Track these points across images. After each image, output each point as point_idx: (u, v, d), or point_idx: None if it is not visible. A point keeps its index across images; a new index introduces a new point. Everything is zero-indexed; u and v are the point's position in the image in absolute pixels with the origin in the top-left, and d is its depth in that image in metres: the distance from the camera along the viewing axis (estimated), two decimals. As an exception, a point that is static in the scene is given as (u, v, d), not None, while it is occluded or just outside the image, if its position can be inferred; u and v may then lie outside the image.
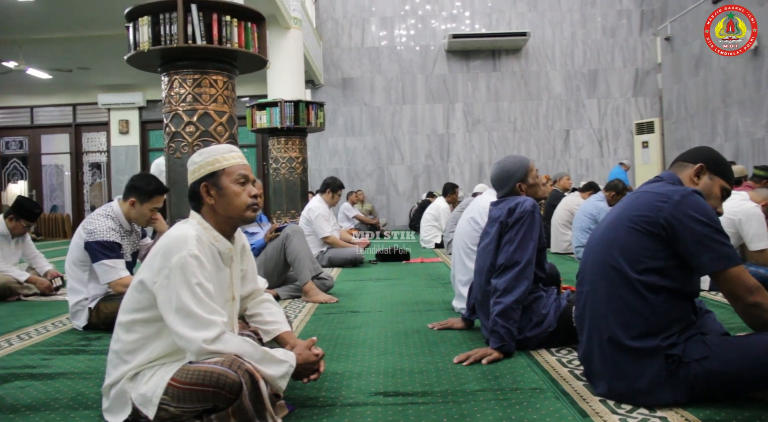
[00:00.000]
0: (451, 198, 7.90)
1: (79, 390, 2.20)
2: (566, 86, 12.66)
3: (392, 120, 12.57)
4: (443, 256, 6.57)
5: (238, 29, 4.24)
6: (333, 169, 12.28)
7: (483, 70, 12.62)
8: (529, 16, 12.64)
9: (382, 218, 11.54)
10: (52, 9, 8.31)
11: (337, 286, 4.42)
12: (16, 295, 4.51)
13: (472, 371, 2.31)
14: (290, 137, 7.35)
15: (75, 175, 13.73)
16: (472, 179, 12.42)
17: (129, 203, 3.23)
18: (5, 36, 9.38)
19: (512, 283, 2.49)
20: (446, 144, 12.60)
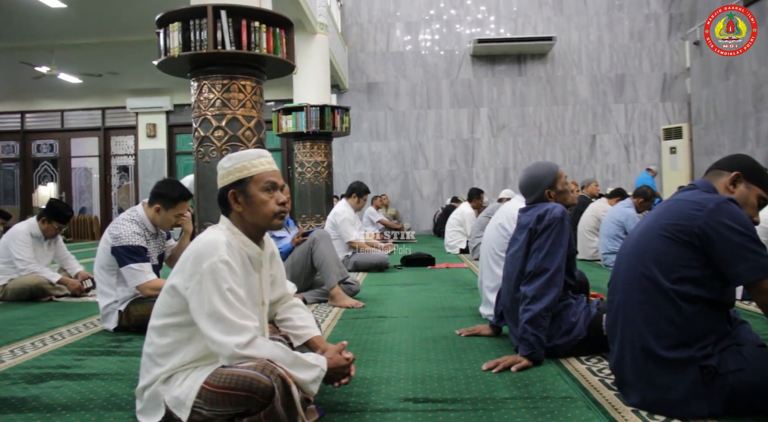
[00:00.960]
0: (476, 203, 7.87)
1: (113, 391, 2.24)
2: (593, 91, 12.55)
3: (417, 124, 12.58)
4: (468, 262, 6.55)
5: (267, 35, 4.28)
6: (357, 174, 12.30)
7: (508, 75, 12.57)
8: (555, 21, 12.56)
9: (406, 223, 11.53)
10: (83, 15, 8.47)
11: (363, 291, 4.43)
12: (49, 296, 4.59)
13: (501, 378, 2.29)
14: (316, 141, 7.39)
15: (103, 177, 13.96)
16: (497, 184, 12.37)
17: (154, 209, 3.27)
18: (39, 42, 9.59)
19: (541, 290, 2.47)
20: (471, 149, 12.56)
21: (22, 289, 4.53)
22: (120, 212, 13.25)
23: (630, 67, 12.51)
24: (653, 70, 12.50)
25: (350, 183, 6.00)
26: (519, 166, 12.47)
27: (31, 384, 2.36)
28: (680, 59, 12.44)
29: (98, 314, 3.76)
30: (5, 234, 4.80)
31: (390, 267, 5.95)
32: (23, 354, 2.85)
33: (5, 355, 2.84)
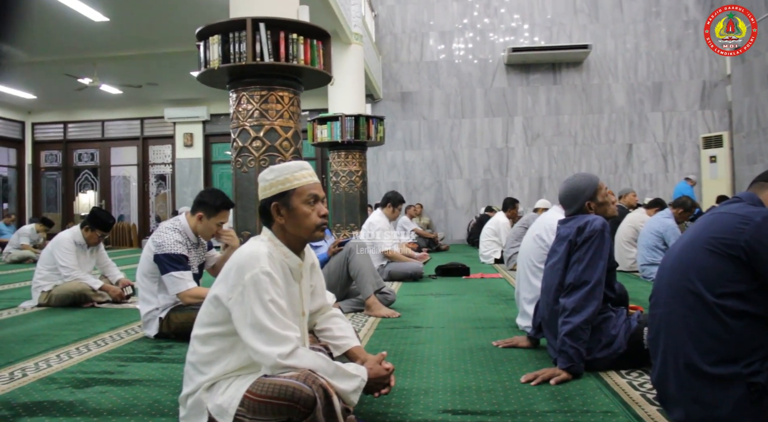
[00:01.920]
0: (511, 213, 7.82)
1: (156, 398, 2.28)
2: (629, 99, 12.38)
3: (451, 133, 12.56)
4: (504, 272, 6.50)
5: (305, 47, 4.34)
6: (391, 183, 12.33)
7: (543, 84, 12.48)
8: (590, 29, 12.44)
9: (439, 232, 11.50)
10: (125, 29, 8.69)
11: (398, 301, 4.44)
12: (91, 302, 4.70)
13: (540, 391, 2.28)
14: (350, 151, 7.44)
15: (141, 185, 14.24)
16: (532, 194, 12.26)
17: (197, 217, 3.33)
18: (82, 54, 9.86)
19: (581, 303, 2.45)
20: (505, 158, 12.49)
21: (65, 295, 4.65)
22: (158, 220, 13.53)
23: (668, 74, 12.31)
24: (692, 77, 12.28)
25: (384, 192, 6.02)
26: (554, 175, 12.35)
27: (78, 388, 2.42)
28: (720, 66, 12.20)
29: (139, 321, 3.84)
30: (50, 242, 4.93)
31: (424, 276, 5.94)
32: (69, 359, 2.93)
33: (52, 360, 2.92)
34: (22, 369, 2.73)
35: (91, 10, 7.86)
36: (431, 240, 10.00)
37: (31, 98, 13.06)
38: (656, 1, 12.37)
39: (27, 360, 2.91)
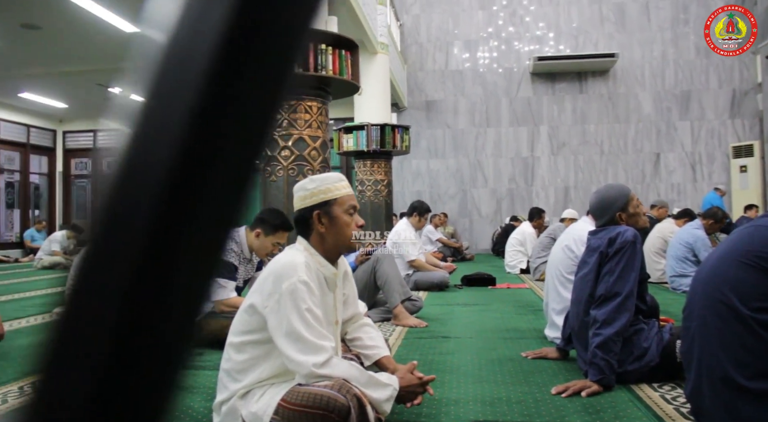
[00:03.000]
0: (537, 223, 7.78)
1: (189, 404, 2.31)
2: (656, 108, 12.26)
3: (476, 143, 12.54)
4: (530, 282, 6.46)
5: (333, 57, 4.39)
6: (416, 192, 12.34)
7: (569, 93, 12.42)
8: (617, 37, 12.36)
9: (464, 241, 11.47)
10: (155, 39, 8.84)
11: (425, 310, 4.44)
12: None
13: (571, 403, 2.26)
14: (376, 160, 7.47)
15: (169, 193, 14.44)
16: (557, 203, 12.19)
17: (255, 234, 3.38)
18: (113, 64, 10.05)
19: (612, 315, 2.43)
20: (531, 167, 12.43)
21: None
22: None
23: (696, 83, 12.18)
24: (721, 86, 12.12)
25: (409, 201, 6.03)
26: (580, 184, 12.26)
27: (113, 394, 2.46)
28: (750, 74, 12.03)
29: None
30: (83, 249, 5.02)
31: (450, 286, 5.93)
32: (103, 365, 2.98)
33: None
34: (58, 374, 2.79)
35: (122, 21, 8.02)
36: (456, 249, 9.98)
37: (63, 107, 13.34)
38: (684, 8, 12.26)
39: (62, 365, 2.96)
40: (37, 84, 11.49)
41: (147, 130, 0.27)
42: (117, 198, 0.28)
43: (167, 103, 0.26)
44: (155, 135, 0.27)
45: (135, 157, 0.27)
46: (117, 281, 0.27)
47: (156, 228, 0.26)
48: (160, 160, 0.26)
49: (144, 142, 0.27)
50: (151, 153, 0.26)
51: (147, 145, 0.27)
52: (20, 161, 13.89)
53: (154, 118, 0.27)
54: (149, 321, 0.27)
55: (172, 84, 0.27)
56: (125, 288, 0.27)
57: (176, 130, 0.26)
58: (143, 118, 0.27)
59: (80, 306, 0.28)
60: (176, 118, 0.26)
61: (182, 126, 0.26)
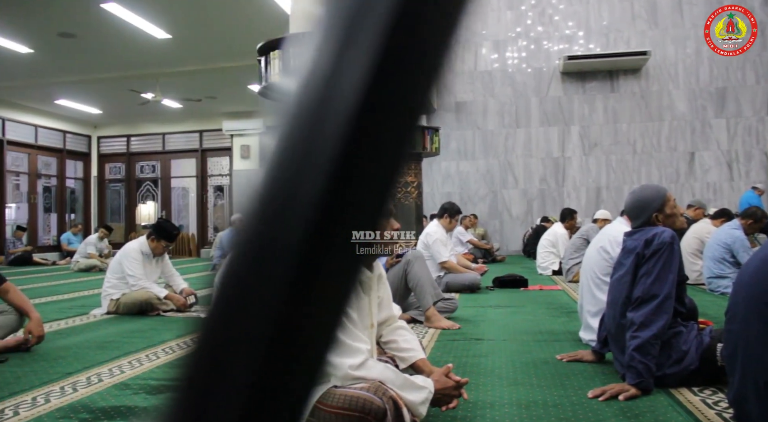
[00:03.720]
0: (570, 224, 7.69)
1: (225, 406, 2.33)
2: (691, 106, 12.02)
3: (505, 143, 12.45)
4: (563, 284, 6.39)
5: (364, 60, 4.40)
6: (445, 193, 12.30)
7: (600, 92, 12.25)
8: (649, 34, 12.16)
9: (495, 243, 11.39)
10: (186, 45, 8.99)
11: (457, 312, 4.41)
12: (156, 310, 4.84)
13: (609, 407, 2.23)
14: (406, 162, 7.46)
15: (200, 196, 14.63)
16: (589, 204, 12.02)
17: None
18: (145, 70, 10.24)
19: (650, 317, 2.39)
20: (561, 167, 12.30)
21: (132, 304, 4.81)
22: (216, 230, 13.86)
23: (732, 79, 11.91)
24: (759, 82, 11.84)
25: (438, 203, 6.01)
26: (612, 185, 12.09)
27: (151, 395, 2.50)
28: (788, 70, 11.73)
29: (204, 329, 3.94)
30: (119, 251, 5.11)
31: (482, 288, 5.90)
32: (140, 366, 3.03)
33: (124, 366, 3.03)
34: (97, 375, 2.85)
35: (154, 28, 8.16)
36: (487, 251, 9.92)
37: (97, 113, 13.62)
38: (719, 4, 12.00)
39: (101, 366, 3.02)
40: (73, 91, 11.75)
41: (288, 178, 0.27)
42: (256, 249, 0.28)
43: (306, 156, 0.27)
44: (295, 188, 0.27)
45: (274, 210, 0.28)
46: (258, 330, 0.27)
47: (294, 277, 0.27)
48: (297, 218, 0.27)
49: (284, 192, 0.27)
50: (289, 210, 0.27)
51: (288, 196, 0.27)
52: (57, 166, 14.22)
53: (297, 167, 0.27)
54: (286, 363, 0.28)
55: (310, 138, 0.27)
56: (266, 337, 0.27)
57: (316, 181, 0.27)
58: (286, 165, 0.27)
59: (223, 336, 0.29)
60: (316, 170, 0.27)
61: (322, 178, 0.27)
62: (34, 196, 13.50)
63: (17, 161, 13.17)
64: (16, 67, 9.87)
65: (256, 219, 0.28)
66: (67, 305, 5.47)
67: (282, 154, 0.28)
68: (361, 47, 0.27)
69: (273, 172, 0.28)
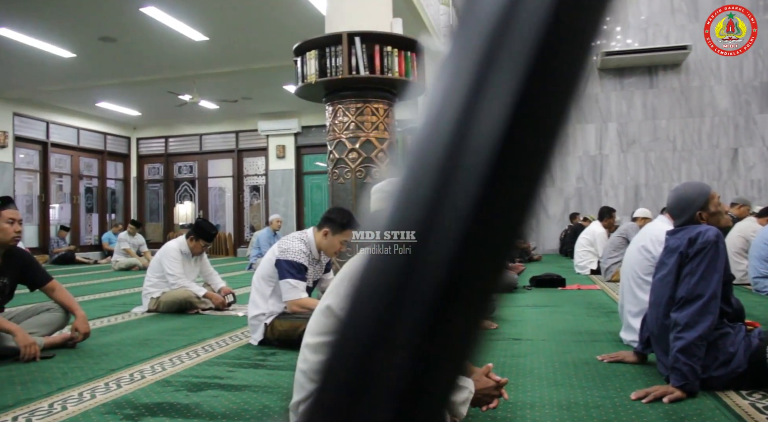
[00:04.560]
0: (608, 222, 7.56)
1: (265, 404, 2.36)
2: (734, 101, 11.71)
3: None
4: (602, 283, 6.29)
5: (399, 59, 4.40)
6: (480, 191, 12.20)
7: (639, 88, 12.03)
8: (689, 28, 11.88)
9: (531, 242, 11.28)
10: (223, 47, 9.10)
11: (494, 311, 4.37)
12: (195, 309, 4.91)
13: (653, 409, 2.18)
14: (441, 161, 7.44)
15: (236, 196, 14.80)
16: (627, 202, 11.81)
17: (322, 233, 3.43)
18: (183, 72, 10.40)
19: (695, 318, 2.33)
20: (599, 165, 12.10)
21: (172, 302, 4.89)
22: (252, 230, 14.01)
23: (777, 74, 11.57)
24: (805, 76, 11.48)
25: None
26: (651, 182, 11.85)
27: (192, 392, 2.54)
28: (836, 64, 11.34)
29: (240, 328, 4.01)
30: (159, 251, 5.20)
31: (519, 287, 5.84)
32: (181, 364, 3.08)
33: (166, 363, 3.08)
34: (140, 372, 2.90)
35: (192, 30, 8.28)
36: (523, 250, 9.82)
37: (136, 115, 13.89)
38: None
39: (144, 363, 3.08)
40: (113, 94, 12.00)
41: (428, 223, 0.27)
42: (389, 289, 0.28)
43: (455, 163, 0.27)
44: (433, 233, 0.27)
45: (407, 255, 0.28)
46: (408, 335, 0.27)
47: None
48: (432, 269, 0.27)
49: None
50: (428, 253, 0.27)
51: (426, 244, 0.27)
52: (98, 167, 14.55)
53: (449, 174, 0.27)
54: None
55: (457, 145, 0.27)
56: (414, 342, 0.27)
57: (468, 189, 0.26)
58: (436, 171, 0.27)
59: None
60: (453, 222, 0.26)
61: (474, 186, 0.26)
62: (76, 197, 13.84)
63: (60, 163, 13.51)
64: (60, 72, 10.12)
65: (407, 221, 0.28)
66: (109, 303, 5.59)
67: (428, 159, 0.27)
68: (507, 67, 0.26)
69: (421, 176, 0.27)
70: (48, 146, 12.91)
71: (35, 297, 3.79)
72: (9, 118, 11.88)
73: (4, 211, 3.35)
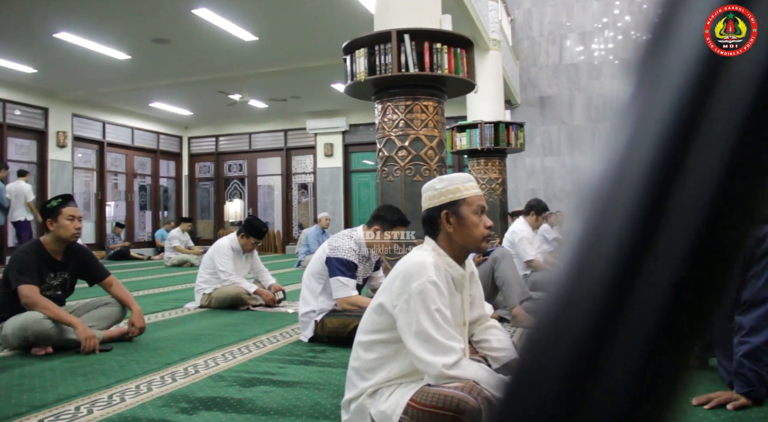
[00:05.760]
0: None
1: (316, 400, 2.37)
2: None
3: (593, 138, 12.05)
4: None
5: (448, 55, 4.36)
6: (530, 190, 12.05)
7: (695, 82, 11.62)
8: (750, 21, 11.43)
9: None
10: (272, 46, 9.21)
11: (545, 312, 4.30)
12: (246, 305, 4.98)
13: (716, 416, 2.10)
14: (490, 158, 7.36)
15: (285, 194, 14.97)
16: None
17: (372, 230, 3.43)
18: (233, 72, 10.57)
19: (762, 322, 2.24)
20: (652, 162, 11.75)
21: (224, 298, 4.97)
22: (300, 228, 14.15)
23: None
24: None
25: (522, 200, 5.88)
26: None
27: (244, 387, 2.57)
28: None
29: (290, 325, 4.05)
30: (211, 247, 5.30)
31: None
32: (233, 359, 3.12)
33: (219, 358, 3.13)
34: (194, 366, 2.95)
35: (242, 30, 8.40)
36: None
37: (188, 114, 14.20)
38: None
39: (197, 358, 3.14)
40: (166, 94, 12.30)
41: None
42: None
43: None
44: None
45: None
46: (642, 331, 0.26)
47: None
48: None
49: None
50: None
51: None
52: (151, 166, 14.93)
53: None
54: None
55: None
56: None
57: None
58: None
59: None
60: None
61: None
62: (131, 195, 14.23)
63: (116, 162, 13.92)
64: (115, 74, 10.42)
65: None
66: (163, 298, 5.72)
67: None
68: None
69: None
70: (104, 146, 13.32)
71: (93, 292, 3.91)
72: (68, 119, 12.30)
73: (65, 208, 3.46)
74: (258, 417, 2.17)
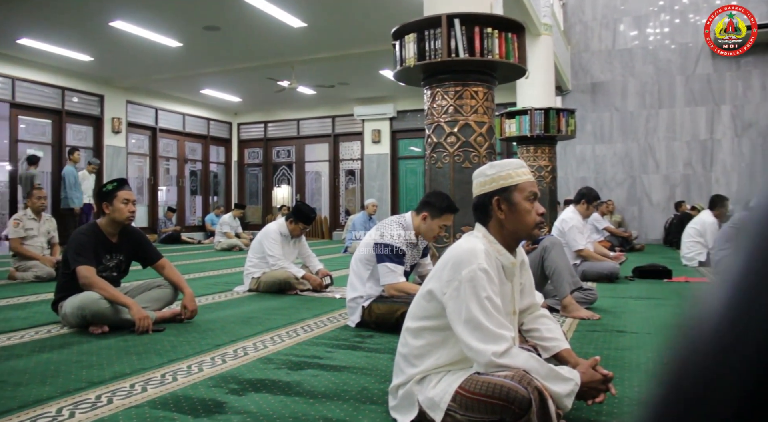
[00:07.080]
0: (720, 212, 7.10)
1: (363, 385, 2.37)
2: None
3: (646, 125, 11.71)
4: (712, 277, 5.92)
5: (499, 40, 4.28)
6: (580, 178, 11.81)
7: (757, 67, 11.15)
8: (817, 2, 10.90)
9: (633, 230, 10.80)
10: (320, 33, 9.23)
11: (596, 302, 4.22)
12: (294, 290, 5.04)
13: None
14: (539, 145, 7.24)
15: (332, 180, 15.07)
16: (741, 190, 11.05)
17: (421, 217, 3.42)
18: (281, 59, 10.65)
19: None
20: (709, 151, 11.37)
21: (272, 282, 5.04)
22: (347, 214, 14.23)
23: None
24: None
25: (573, 188, 5.76)
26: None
27: (293, 370, 2.60)
28: None
29: (337, 310, 4.07)
30: (260, 232, 5.37)
31: (621, 277, 5.60)
32: (281, 342, 3.16)
33: (267, 341, 3.18)
34: (243, 348, 3.00)
35: (291, 17, 8.44)
36: (624, 239, 9.42)
37: (237, 101, 14.40)
38: None
39: (246, 340, 3.19)
40: (216, 81, 12.48)
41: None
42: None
43: None
44: None
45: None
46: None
47: None
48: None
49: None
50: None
51: None
52: (202, 152, 15.22)
53: None
54: None
55: None
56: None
57: None
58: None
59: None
60: None
61: None
62: (182, 180, 14.55)
63: (168, 147, 14.24)
64: (167, 61, 10.63)
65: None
66: (213, 281, 5.84)
67: None
68: None
69: None
70: (157, 131, 13.63)
71: (146, 274, 4.00)
72: (123, 106, 12.63)
73: (120, 191, 3.55)
74: (306, 400, 2.19)
